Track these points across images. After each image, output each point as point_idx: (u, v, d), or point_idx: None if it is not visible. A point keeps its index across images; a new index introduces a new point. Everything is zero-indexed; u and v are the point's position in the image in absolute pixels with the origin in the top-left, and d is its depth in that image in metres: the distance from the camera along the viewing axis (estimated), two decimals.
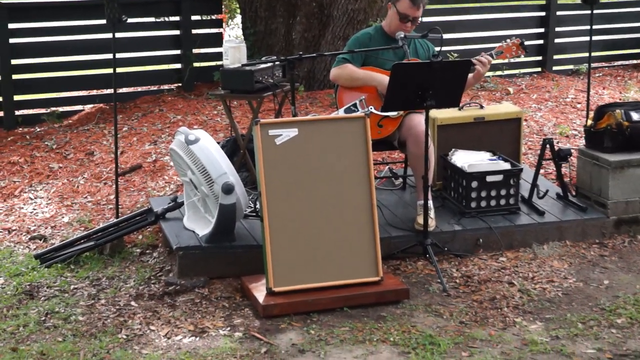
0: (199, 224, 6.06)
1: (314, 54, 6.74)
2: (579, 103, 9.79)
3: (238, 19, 12.04)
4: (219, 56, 9.97)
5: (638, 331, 5.11)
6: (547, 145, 6.63)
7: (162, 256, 6.18)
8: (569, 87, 10.58)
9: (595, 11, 7.75)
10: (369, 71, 6.29)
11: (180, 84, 10.21)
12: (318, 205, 5.47)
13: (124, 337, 5.03)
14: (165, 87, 10.30)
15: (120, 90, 9.93)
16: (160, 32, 10.37)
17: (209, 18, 10.66)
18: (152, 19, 10.25)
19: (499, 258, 6.14)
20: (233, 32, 12.45)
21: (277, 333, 5.07)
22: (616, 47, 12.31)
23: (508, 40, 6.48)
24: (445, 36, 6.15)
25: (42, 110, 9.64)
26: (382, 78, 6.18)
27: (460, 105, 6.53)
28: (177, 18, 10.18)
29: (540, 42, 11.56)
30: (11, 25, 9.34)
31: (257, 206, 6.05)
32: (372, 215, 5.54)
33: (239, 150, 6.96)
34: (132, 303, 5.48)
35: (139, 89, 10.28)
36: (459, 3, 11.59)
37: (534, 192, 6.64)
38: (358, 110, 6.16)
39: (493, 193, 6.41)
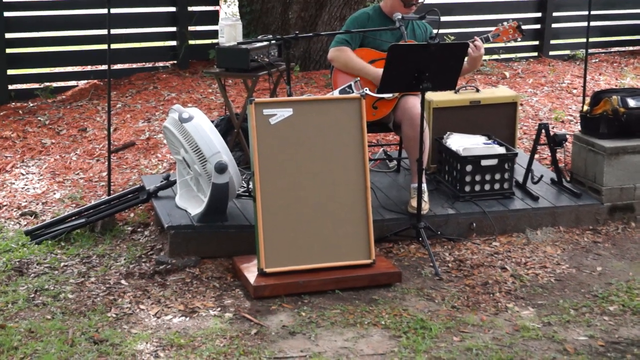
0: (191, 203, 6.03)
1: (311, 34, 6.72)
2: (575, 88, 9.76)
3: None
4: (214, 34, 9.89)
5: (630, 319, 5.10)
6: (543, 130, 6.61)
7: (153, 235, 6.15)
8: (565, 72, 10.55)
9: None
10: (365, 64, 6.23)
11: (175, 62, 10.15)
12: (311, 186, 5.44)
13: (114, 315, 5.01)
14: (160, 64, 10.23)
15: (115, 67, 9.87)
16: (156, 9, 10.29)
17: None
18: None
19: (492, 243, 6.13)
20: (229, 9, 12.40)
21: (267, 314, 5.05)
22: (613, 34, 12.27)
23: (505, 23, 6.45)
24: (443, 18, 6.12)
25: (36, 85, 9.58)
26: (377, 73, 6.11)
27: (456, 88, 6.49)
28: None
29: (537, 26, 11.51)
30: None
31: (250, 186, 6.02)
32: (366, 197, 5.51)
33: (233, 129, 6.92)
34: (122, 281, 5.46)
35: (134, 65, 10.21)
36: None
37: (529, 177, 6.62)
38: (353, 92, 6.12)
39: (487, 177, 6.39)
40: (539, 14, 11.52)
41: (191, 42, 10.10)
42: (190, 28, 10.18)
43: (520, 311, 5.18)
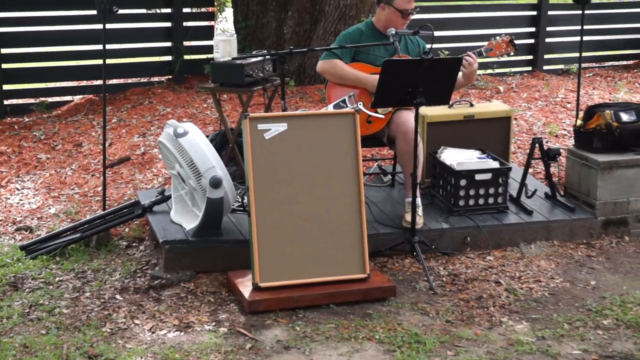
0: (186, 218, 6.04)
1: (305, 49, 6.72)
2: (568, 103, 9.79)
3: (227, 12, 12.01)
4: (209, 49, 9.94)
5: (624, 332, 5.11)
6: (536, 145, 6.63)
7: (148, 249, 6.16)
8: (559, 86, 10.58)
9: (586, 12, 7.75)
10: (356, 72, 6.26)
11: (170, 77, 10.18)
12: (306, 201, 5.45)
13: (108, 330, 5.01)
14: (156, 79, 10.26)
15: (110, 82, 9.91)
16: (151, 24, 10.35)
17: (200, 10, 10.63)
18: (143, 11, 10.22)
19: (486, 257, 6.14)
20: (221, 25, 12.44)
21: (262, 329, 5.05)
22: (607, 48, 12.33)
23: (498, 38, 6.47)
24: (437, 34, 6.14)
25: (31, 100, 9.61)
26: (369, 79, 6.15)
27: (450, 103, 6.51)
28: (168, 10, 10.15)
29: (531, 41, 11.56)
30: (1, 14, 9.29)
31: (245, 201, 6.03)
32: (360, 212, 5.52)
33: (227, 144, 6.94)
34: (117, 296, 5.46)
35: (129, 80, 10.26)
36: (451, 1, 11.59)
37: (523, 191, 6.63)
38: (347, 106, 6.14)
39: (481, 191, 6.40)
40: (532, 29, 11.58)
41: (186, 57, 10.14)
42: (186, 43, 10.22)
43: (515, 325, 5.19)
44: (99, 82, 9.70)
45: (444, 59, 6.35)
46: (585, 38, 7.99)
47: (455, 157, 6.51)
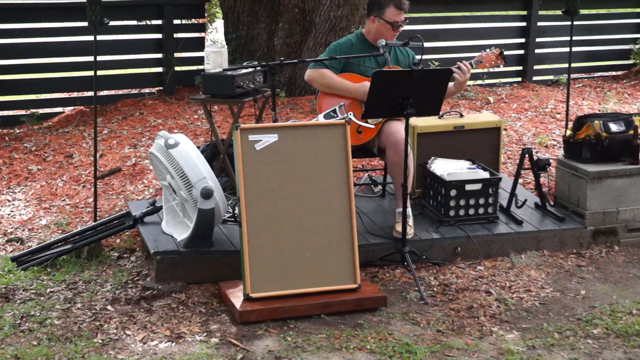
0: (177, 229, 6.04)
1: (296, 60, 6.73)
2: (558, 113, 9.83)
3: (216, 23, 12.02)
4: (200, 60, 9.93)
5: (614, 342, 5.13)
6: (526, 155, 6.66)
7: (139, 260, 6.16)
8: (549, 97, 10.62)
9: (575, 22, 7.79)
10: (344, 81, 6.28)
11: (161, 88, 10.18)
12: (297, 211, 5.47)
13: (100, 341, 5.01)
14: (146, 90, 10.26)
15: (101, 93, 9.91)
16: (142, 35, 10.35)
17: (191, 22, 10.65)
18: (134, 22, 10.22)
19: (476, 267, 6.15)
20: (211, 35, 12.46)
21: (253, 339, 5.06)
22: (596, 59, 12.38)
23: (487, 50, 6.50)
24: (427, 45, 6.17)
25: (22, 112, 9.59)
26: (357, 88, 6.18)
27: (440, 113, 6.53)
28: (159, 21, 10.16)
29: (521, 52, 11.60)
30: None
31: (236, 211, 6.04)
32: (351, 222, 5.54)
33: (218, 155, 6.95)
34: (109, 307, 5.46)
35: (120, 91, 10.25)
36: (440, 12, 11.63)
37: (513, 202, 6.66)
38: (337, 116, 6.16)
39: (472, 202, 6.42)
40: (522, 40, 11.62)
41: (177, 68, 10.15)
42: (176, 54, 10.22)
43: (505, 335, 5.20)
44: (90, 93, 9.70)
45: (434, 70, 6.40)
46: (575, 49, 8.04)
47: (445, 168, 6.53)
